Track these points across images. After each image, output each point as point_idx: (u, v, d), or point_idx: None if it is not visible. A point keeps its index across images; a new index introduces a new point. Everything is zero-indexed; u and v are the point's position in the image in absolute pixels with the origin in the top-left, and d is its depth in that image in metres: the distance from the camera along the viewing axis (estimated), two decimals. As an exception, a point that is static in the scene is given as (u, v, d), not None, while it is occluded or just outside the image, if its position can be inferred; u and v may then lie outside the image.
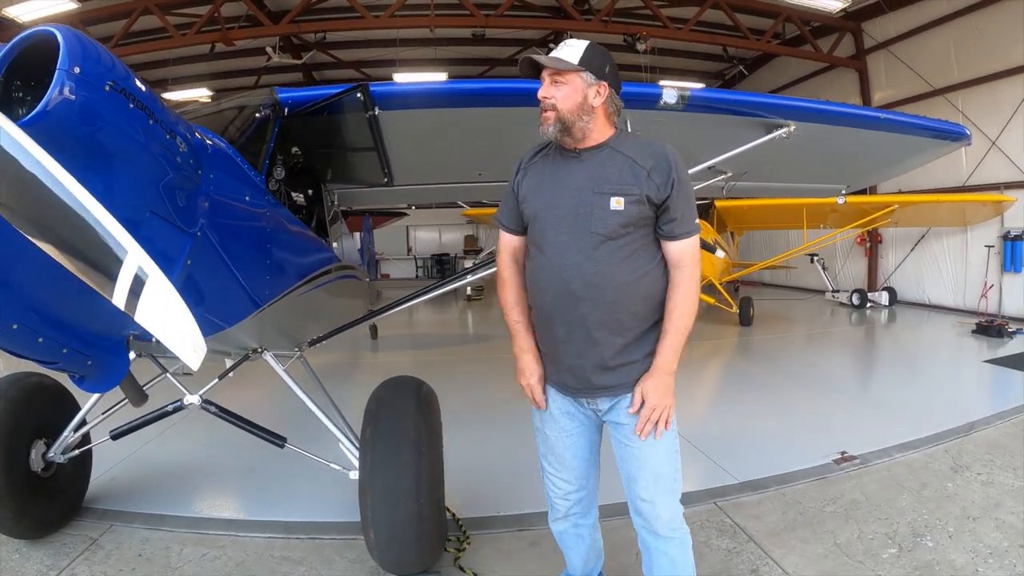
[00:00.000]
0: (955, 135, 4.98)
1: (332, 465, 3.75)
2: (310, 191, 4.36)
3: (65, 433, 4.09)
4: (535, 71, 2.46)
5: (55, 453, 4.05)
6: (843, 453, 5.16)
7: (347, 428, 3.90)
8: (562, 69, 2.37)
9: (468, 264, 18.39)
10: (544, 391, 2.69)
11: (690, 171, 2.95)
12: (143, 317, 1.69)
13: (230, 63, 16.46)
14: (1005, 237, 12.47)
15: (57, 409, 4.26)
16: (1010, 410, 6.33)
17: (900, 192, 13.24)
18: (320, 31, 13.98)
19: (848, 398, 7.46)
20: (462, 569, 3.62)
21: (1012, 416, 6.15)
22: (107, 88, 2.01)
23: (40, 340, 2.43)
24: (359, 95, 3.80)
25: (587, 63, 2.38)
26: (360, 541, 3.73)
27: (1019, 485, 4.59)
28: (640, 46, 14.32)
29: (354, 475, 3.57)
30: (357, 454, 3.60)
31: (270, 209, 3.47)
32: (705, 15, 13.97)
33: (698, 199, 4.22)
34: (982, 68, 12.51)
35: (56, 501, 4.21)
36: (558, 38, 15.65)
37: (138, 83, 2.17)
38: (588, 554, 2.96)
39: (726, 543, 3.73)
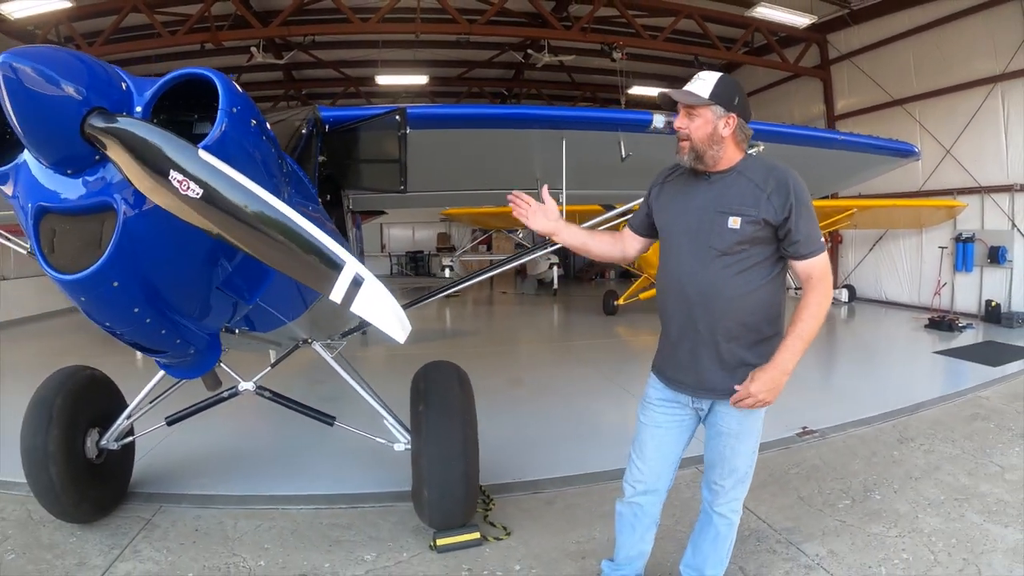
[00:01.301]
0: (905, 152, 5.54)
1: (377, 439, 4.32)
2: (329, 196, 4.77)
3: (119, 421, 4.48)
4: (672, 103, 2.73)
5: (107, 441, 4.44)
6: (804, 428, 5.93)
7: (388, 408, 4.40)
8: (695, 104, 2.67)
9: (445, 261, 18.77)
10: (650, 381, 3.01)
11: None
12: (360, 309, 2.08)
13: (213, 61, 16.57)
14: (957, 239, 13.24)
15: (107, 399, 4.68)
16: (953, 393, 7.21)
17: (860, 196, 13.97)
18: (308, 34, 14.29)
19: (810, 383, 7.98)
20: (492, 524, 4.26)
21: (954, 399, 7.01)
22: (252, 124, 2.50)
23: (163, 332, 2.80)
24: (397, 117, 4.25)
25: (717, 97, 2.63)
26: (399, 507, 4.46)
27: (956, 453, 5.37)
28: (616, 55, 14.87)
29: (399, 447, 4.21)
30: (401, 428, 4.23)
31: (321, 217, 3.97)
32: (677, 24, 14.56)
33: None
34: (939, 81, 13.28)
35: (108, 486, 4.60)
36: (534, 44, 16.22)
37: (264, 121, 2.67)
38: (635, 546, 3.15)
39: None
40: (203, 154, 2.05)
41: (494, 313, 16.49)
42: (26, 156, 2.30)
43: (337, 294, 2.07)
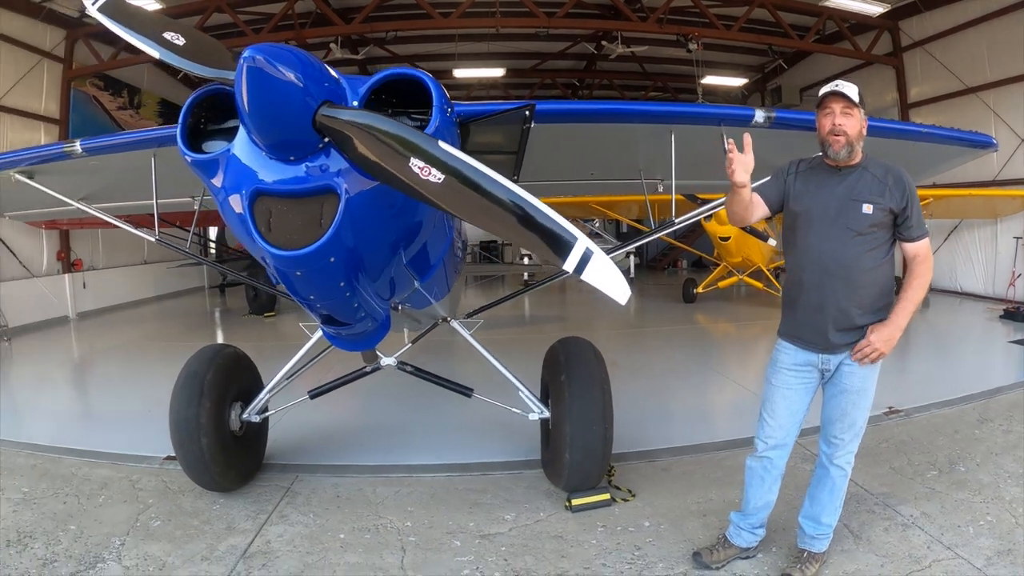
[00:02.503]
0: (983, 144, 5.53)
1: (514, 410, 4.73)
2: None
3: (261, 395, 4.89)
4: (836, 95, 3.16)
5: (249, 414, 4.83)
6: (891, 407, 6.25)
7: (520, 380, 4.78)
8: (855, 104, 3.15)
9: (524, 250, 19.07)
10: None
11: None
12: (589, 277, 2.32)
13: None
14: (1032, 229, 12.97)
15: (248, 375, 5.11)
16: (1030, 381, 7.34)
17: (935, 186, 13.87)
18: (389, 30, 14.71)
19: (893, 367, 8.10)
20: (617, 487, 4.69)
21: (1031, 386, 7.17)
22: (450, 114, 2.82)
23: (355, 305, 3.11)
24: (527, 112, 4.44)
25: (861, 102, 3.17)
26: (527, 473, 4.94)
27: (1034, 434, 5.62)
28: (691, 46, 15.00)
29: (533, 417, 4.63)
30: (535, 400, 4.63)
31: None
32: (751, 13, 14.56)
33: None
34: (1014, 68, 13.04)
35: (248, 457, 5.02)
36: (607, 35, 16.40)
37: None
38: (763, 497, 3.58)
39: (809, 466, 4.45)
40: (443, 144, 2.33)
41: (571, 300, 16.81)
42: (236, 145, 2.57)
43: (570, 265, 2.32)
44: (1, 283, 13.12)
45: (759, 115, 4.46)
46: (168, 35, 2.58)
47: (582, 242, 2.31)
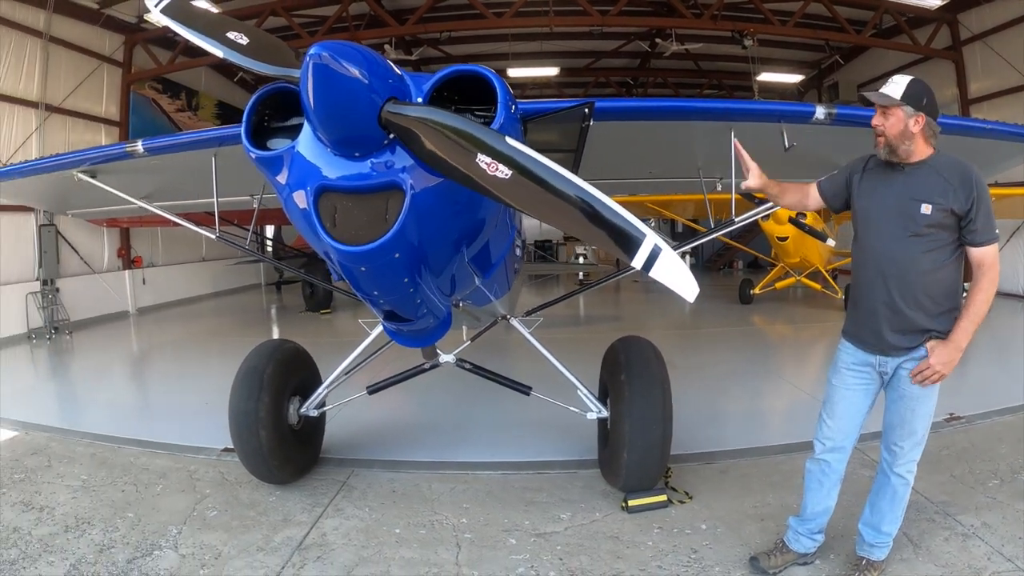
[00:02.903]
0: None
1: (571, 408, 4.70)
2: None
3: (319, 390, 4.96)
4: (868, 102, 3.13)
5: (307, 408, 4.91)
6: (952, 414, 5.99)
7: (579, 379, 4.75)
8: (886, 104, 3.02)
9: (579, 250, 19.01)
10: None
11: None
12: (657, 273, 2.28)
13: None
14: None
15: (306, 370, 5.16)
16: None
17: (996, 184, 13.37)
18: (443, 31, 14.81)
19: (953, 373, 7.89)
20: (675, 489, 4.61)
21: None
22: (513, 111, 2.77)
23: (418, 301, 3.10)
24: (586, 110, 4.42)
25: (907, 98, 2.99)
26: (583, 473, 4.88)
27: (1100, 443, 5.35)
28: (747, 42, 14.75)
29: (591, 416, 4.60)
30: (594, 399, 4.61)
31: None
32: (807, 7, 14.28)
33: None
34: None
35: (305, 451, 5.08)
36: (660, 32, 16.24)
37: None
38: (821, 501, 3.48)
39: (869, 472, 4.39)
40: (509, 140, 2.29)
41: (626, 300, 16.69)
42: (300, 142, 2.58)
43: (638, 261, 2.27)
44: (63, 279, 13.57)
45: (820, 112, 4.36)
46: (231, 35, 2.59)
47: (650, 238, 2.26)
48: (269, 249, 17.91)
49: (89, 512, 4.65)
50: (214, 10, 13.04)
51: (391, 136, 2.39)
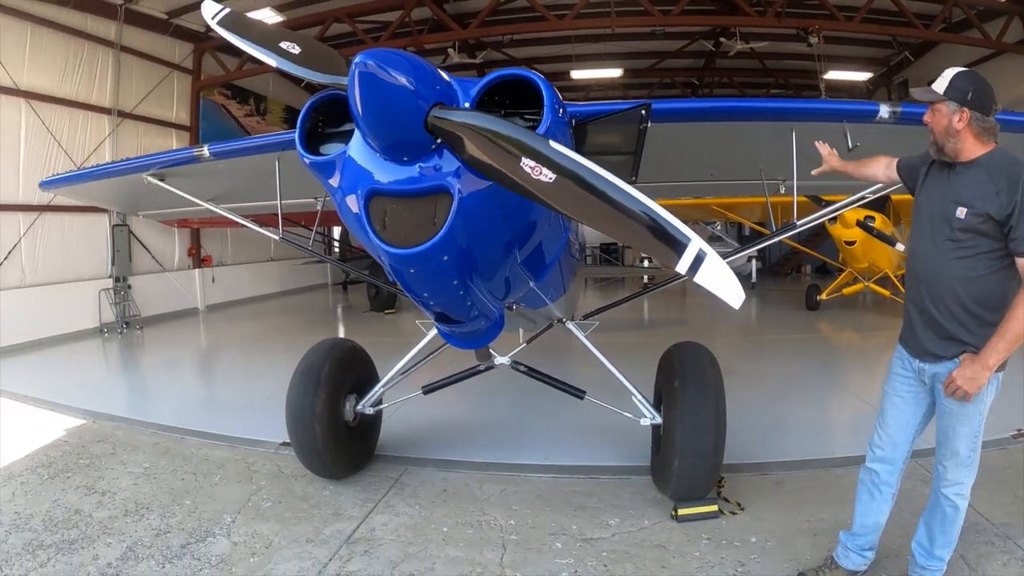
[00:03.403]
0: None
1: (625, 414, 4.65)
2: None
3: (375, 388, 5.04)
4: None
5: (363, 406, 4.99)
6: (1019, 430, 5.69)
7: (633, 384, 4.69)
8: (930, 100, 2.90)
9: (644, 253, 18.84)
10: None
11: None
12: (702, 279, 2.24)
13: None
14: None
15: (363, 369, 5.26)
16: None
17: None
18: (505, 34, 14.88)
19: (1019, 385, 7.55)
20: (726, 499, 4.48)
21: None
22: (561, 114, 2.78)
23: (468, 304, 3.11)
24: (643, 111, 4.43)
25: (951, 92, 2.83)
26: (635, 479, 4.80)
27: None
28: (812, 39, 14.34)
29: (644, 422, 4.53)
30: (648, 405, 4.54)
31: None
32: (873, 3, 13.81)
33: (876, 194, 4.75)
34: None
35: (360, 448, 5.17)
36: (725, 31, 15.96)
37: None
38: (871, 515, 3.32)
39: (927, 490, 4.32)
40: (554, 144, 2.30)
41: (690, 305, 16.35)
42: (352, 147, 2.63)
43: (683, 266, 2.25)
44: (135, 276, 14.20)
45: (884, 110, 4.23)
46: (284, 45, 2.68)
47: (695, 243, 2.23)
48: (336, 250, 18.30)
49: (148, 498, 4.85)
50: (277, 18, 13.49)
51: (438, 141, 2.42)
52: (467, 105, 2.62)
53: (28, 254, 12.08)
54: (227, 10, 2.98)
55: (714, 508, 4.27)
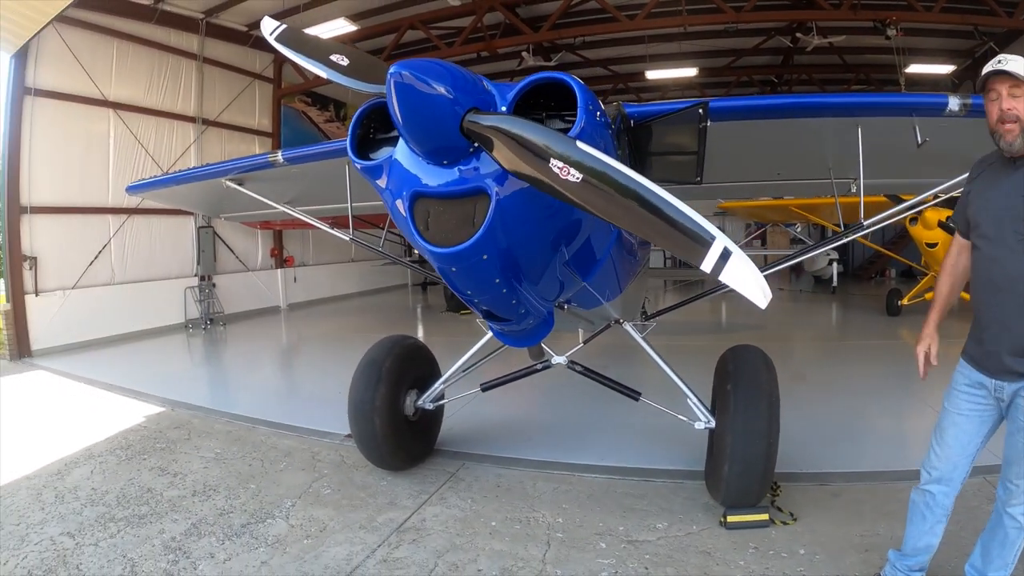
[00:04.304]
0: None
1: (680, 417, 4.59)
2: None
3: (436, 385, 5.18)
4: (983, 83, 2.77)
5: (424, 401, 5.14)
6: None
7: (688, 387, 4.63)
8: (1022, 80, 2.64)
9: None
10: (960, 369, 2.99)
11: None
12: (727, 278, 2.23)
13: (487, 67, 17.84)
14: None
15: (425, 365, 5.40)
16: None
17: None
18: (576, 36, 14.85)
19: None
20: (780, 509, 4.34)
21: None
22: (598, 116, 2.81)
23: (513, 302, 3.16)
24: (700, 110, 4.34)
25: None
26: (688, 484, 4.73)
27: None
28: (890, 31, 13.68)
29: (699, 426, 4.45)
30: (705, 408, 4.46)
31: None
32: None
33: (948, 193, 4.60)
34: None
35: (419, 441, 5.31)
36: (802, 26, 15.47)
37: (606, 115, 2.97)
38: (922, 537, 3.13)
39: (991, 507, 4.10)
40: (581, 144, 2.35)
41: (769, 309, 15.78)
42: (397, 152, 2.75)
43: (707, 264, 2.23)
44: (219, 275, 14.97)
45: (953, 103, 4.07)
46: (334, 57, 2.84)
47: (720, 241, 2.22)
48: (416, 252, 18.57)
49: (216, 481, 5.16)
50: (351, 27, 13.86)
51: (476, 144, 2.51)
52: (503, 109, 2.69)
53: (117, 254, 12.99)
54: (284, 26, 3.18)
55: (764, 517, 4.13)
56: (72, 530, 4.35)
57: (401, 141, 2.73)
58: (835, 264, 17.50)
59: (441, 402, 5.33)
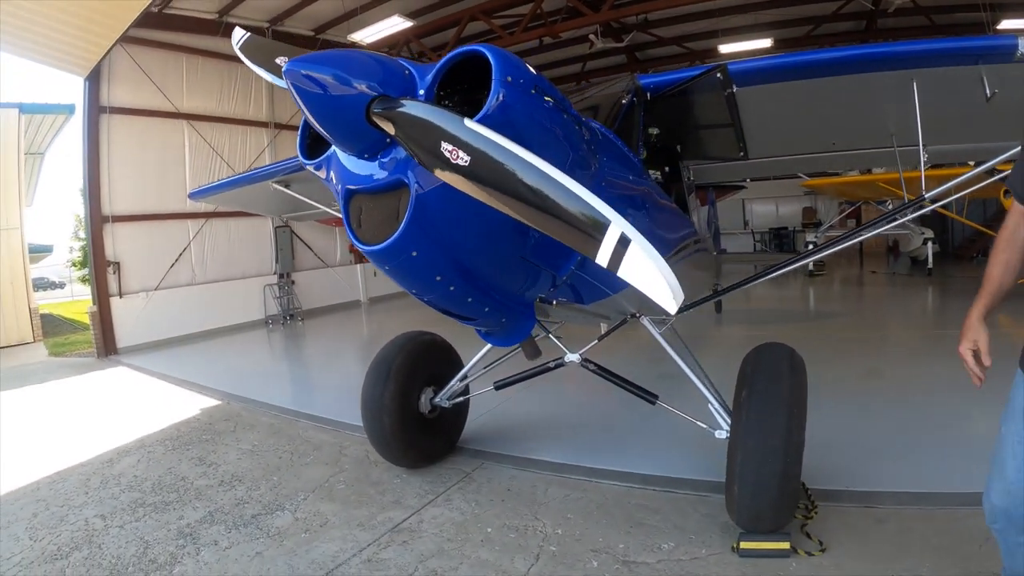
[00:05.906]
0: None
1: (699, 423, 4.03)
2: (667, 168, 4.56)
3: (452, 382, 4.97)
4: None
5: (441, 399, 4.95)
6: None
7: (714, 391, 4.08)
8: None
9: (809, 238, 17.31)
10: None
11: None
12: (626, 273, 1.95)
13: (554, 54, 17.51)
14: None
15: (444, 362, 5.18)
16: None
17: None
18: (639, 13, 14.23)
19: None
20: (808, 536, 3.63)
21: None
22: (532, 92, 2.50)
23: (469, 300, 2.93)
24: (719, 75, 3.95)
25: None
26: (713, 497, 4.12)
27: None
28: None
29: (720, 434, 3.88)
30: (725, 415, 3.88)
31: (648, 187, 3.84)
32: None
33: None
34: None
35: (437, 439, 5.12)
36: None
37: (552, 88, 2.67)
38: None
39: None
40: (468, 122, 2.12)
41: (861, 295, 14.72)
42: (334, 147, 2.60)
43: (603, 257, 1.94)
44: (298, 272, 15.44)
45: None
46: (279, 60, 2.66)
47: (617, 226, 1.92)
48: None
49: (244, 472, 5.27)
50: (406, 23, 13.83)
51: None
52: (422, 93, 2.47)
53: (197, 256, 13.69)
54: (248, 35, 3.08)
55: (785, 545, 3.47)
56: (106, 512, 4.64)
57: None
58: (930, 244, 15.89)
59: (459, 399, 5.11)
